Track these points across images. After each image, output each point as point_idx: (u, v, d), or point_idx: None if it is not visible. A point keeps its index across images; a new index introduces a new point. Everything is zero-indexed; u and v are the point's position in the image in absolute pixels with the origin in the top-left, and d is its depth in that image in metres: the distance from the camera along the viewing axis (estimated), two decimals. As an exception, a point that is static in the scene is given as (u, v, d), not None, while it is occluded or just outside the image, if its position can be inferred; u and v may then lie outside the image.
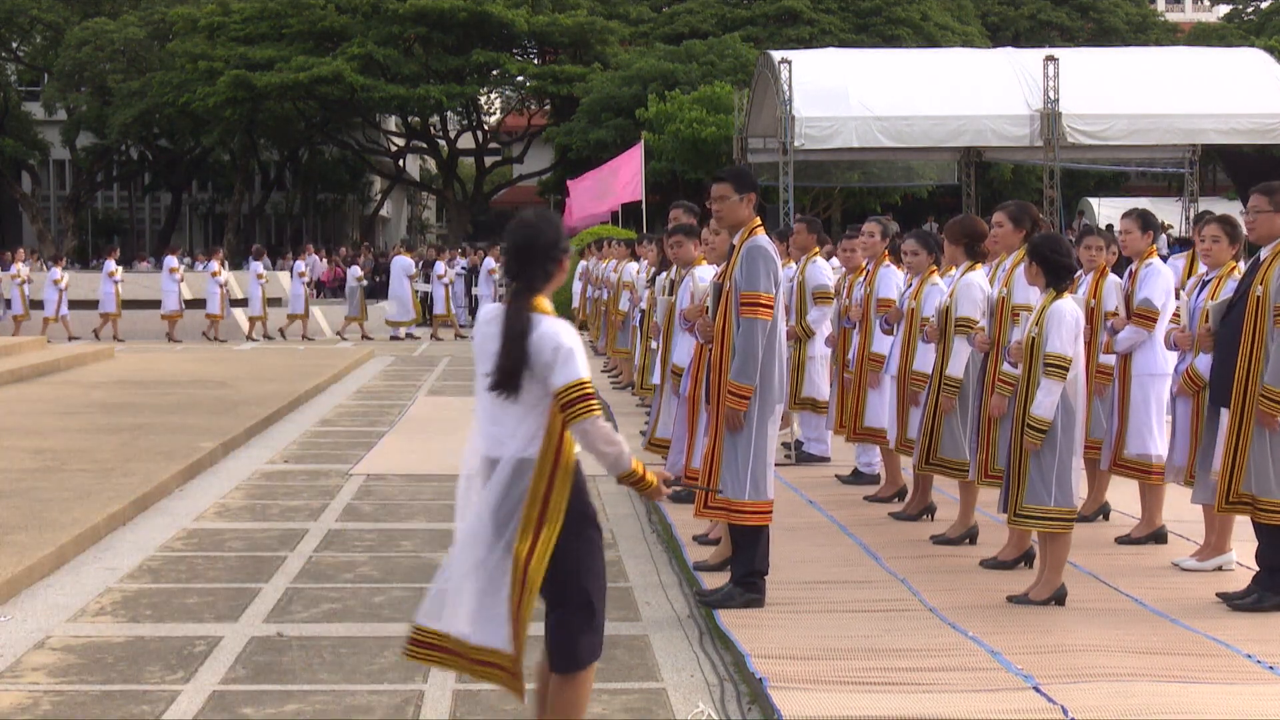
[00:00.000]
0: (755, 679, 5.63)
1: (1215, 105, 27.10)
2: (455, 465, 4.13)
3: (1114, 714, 5.24)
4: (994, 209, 8.33)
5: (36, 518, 8.58)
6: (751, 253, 6.69)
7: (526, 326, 4.44)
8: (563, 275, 4.65)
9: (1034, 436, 6.74)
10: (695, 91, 36.64)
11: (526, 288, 4.52)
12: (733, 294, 6.69)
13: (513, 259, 4.58)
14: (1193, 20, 56.56)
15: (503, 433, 4.50)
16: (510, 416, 4.48)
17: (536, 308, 4.49)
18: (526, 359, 4.40)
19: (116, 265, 26.77)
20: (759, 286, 6.63)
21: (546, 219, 4.66)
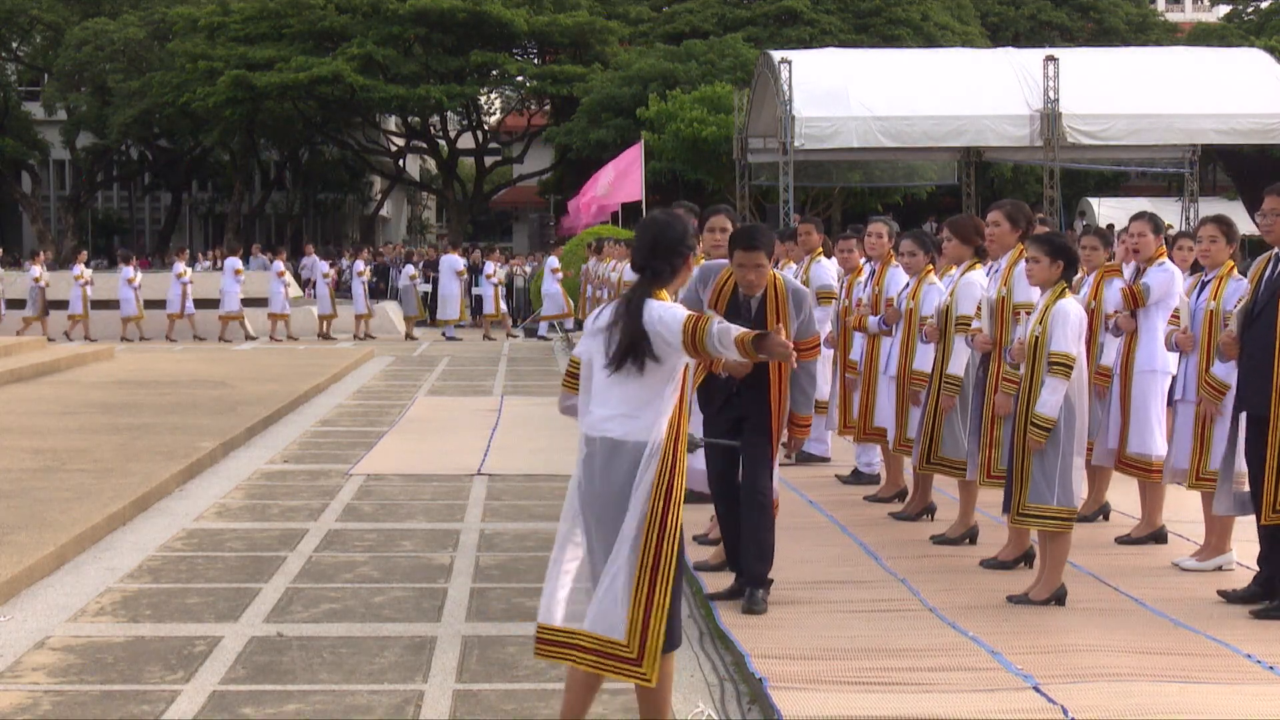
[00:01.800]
0: (755, 679, 5.63)
1: (1215, 105, 27.08)
2: (455, 465, 4.16)
3: (1114, 714, 5.24)
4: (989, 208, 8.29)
5: (36, 518, 8.59)
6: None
7: (642, 306, 4.62)
8: (687, 273, 4.88)
9: (1038, 435, 6.74)
10: (695, 91, 36.63)
11: (650, 280, 4.71)
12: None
13: (639, 253, 4.78)
14: (1193, 20, 56.54)
15: (627, 415, 4.62)
16: (635, 400, 4.62)
17: (656, 296, 4.68)
18: (645, 336, 4.56)
19: (185, 267, 26.99)
20: None
21: (676, 218, 4.84)
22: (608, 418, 4.65)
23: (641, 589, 4.52)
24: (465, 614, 6.92)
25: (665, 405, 4.63)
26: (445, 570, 7.86)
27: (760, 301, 6.64)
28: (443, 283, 28.20)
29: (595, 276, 20.87)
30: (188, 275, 26.56)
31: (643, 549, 4.55)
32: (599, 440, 4.65)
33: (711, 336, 4.54)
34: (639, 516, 4.55)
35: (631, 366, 4.61)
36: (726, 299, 6.68)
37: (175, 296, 26.27)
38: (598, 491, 4.64)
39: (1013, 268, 7.69)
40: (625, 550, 4.55)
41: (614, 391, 4.66)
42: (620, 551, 4.57)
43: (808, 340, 6.74)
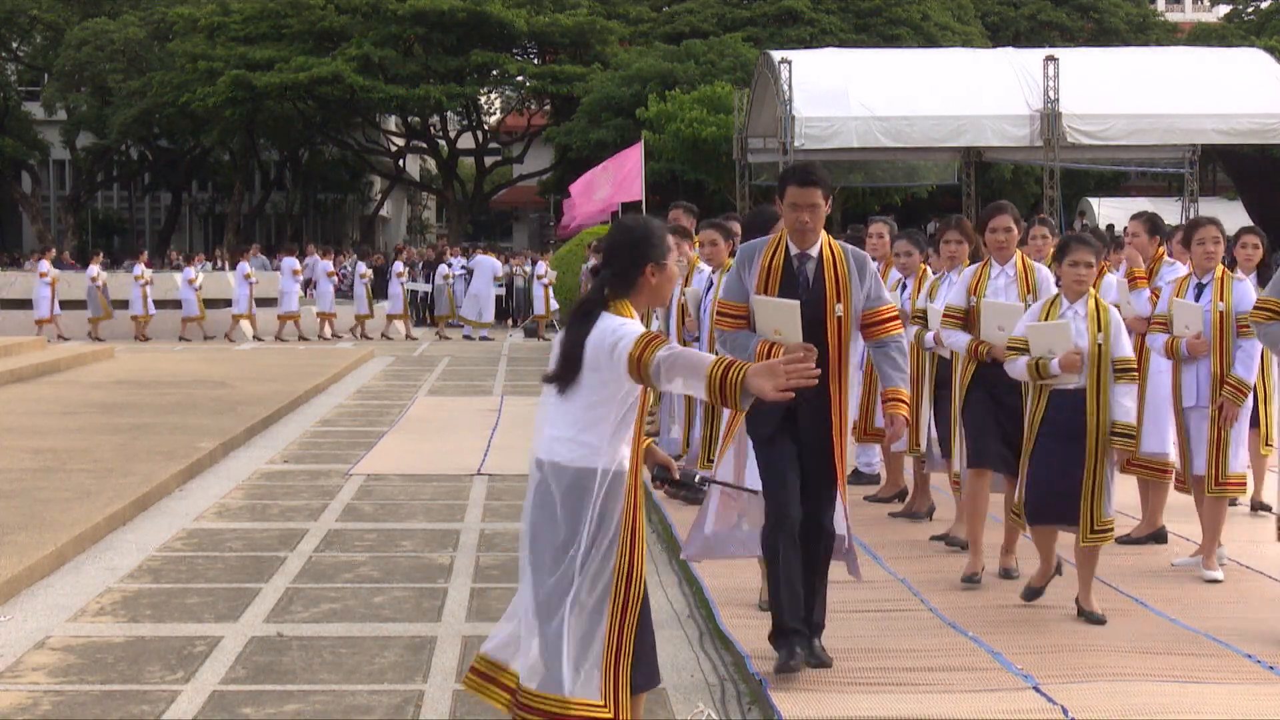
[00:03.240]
0: (755, 679, 5.63)
1: (1215, 105, 27.07)
2: (455, 465, 4.12)
3: (1114, 714, 5.24)
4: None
5: (36, 518, 8.59)
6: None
7: (592, 317, 4.21)
8: (652, 287, 4.32)
9: (1126, 443, 6.59)
10: (695, 91, 36.62)
11: (606, 288, 4.29)
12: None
13: (605, 259, 4.41)
14: (1193, 20, 56.53)
15: (573, 438, 4.20)
16: (582, 421, 4.20)
17: (611, 308, 4.24)
18: (584, 350, 4.16)
19: (251, 268, 27.20)
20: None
21: (646, 224, 4.41)
22: (556, 439, 4.23)
23: (612, 642, 4.14)
24: (465, 614, 6.92)
25: (621, 428, 4.18)
26: (445, 570, 7.86)
27: (816, 269, 5.73)
28: (476, 284, 28.16)
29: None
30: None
31: (612, 597, 4.15)
32: (547, 465, 4.23)
33: (654, 366, 4.02)
34: (597, 559, 4.14)
35: (576, 383, 4.18)
36: (779, 274, 5.72)
37: (190, 298, 26.31)
38: (542, 520, 4.23)
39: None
40: (576, 596, 4.14)
41: (563, 410, 4.23)
42: (562, 595, 4.14)
43: (879, 311, 5.81)
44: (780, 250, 5.78)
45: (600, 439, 4.17)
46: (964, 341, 7.32)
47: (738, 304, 5.85)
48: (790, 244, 5.77)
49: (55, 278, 26.47)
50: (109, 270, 29.32)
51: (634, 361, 4.05)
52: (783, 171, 5.67)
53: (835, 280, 5.73)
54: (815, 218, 5.69)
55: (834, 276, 5.73)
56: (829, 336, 5.68)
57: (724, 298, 5.90)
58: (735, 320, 5.84)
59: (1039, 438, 6.65)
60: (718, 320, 5.89)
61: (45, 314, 25.90)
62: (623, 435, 4.20)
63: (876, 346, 5.84)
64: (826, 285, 5.72)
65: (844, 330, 5.72)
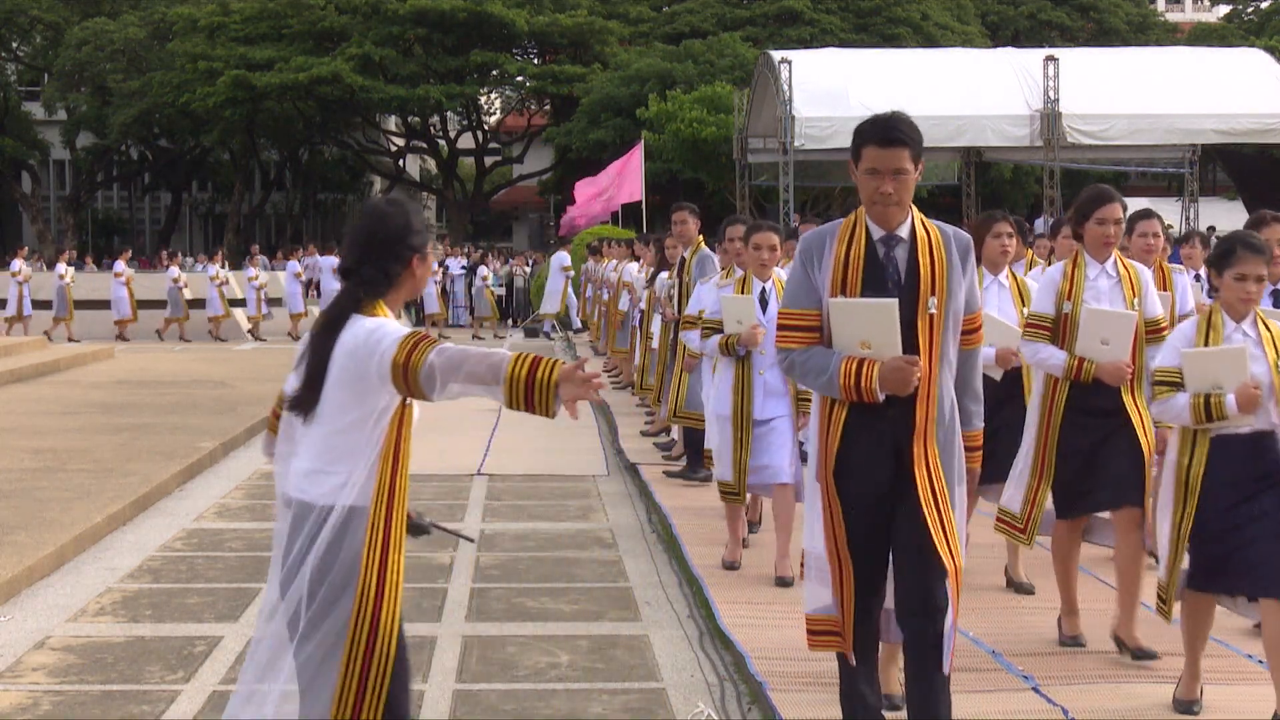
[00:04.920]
0: (755, 680, 5.63)
1: (1215, 105, 27.10)
2: (455, 465, 4.11)
3: (1114, 714, 5.24)
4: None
5: (36, 518, 8.58)
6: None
7: (342, 324, 3.61)
8: (414, 281, 3.75)
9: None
10: (695, 91, 36.64)
11: (358, 289, 3.67)
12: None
13: (348, 253, 3.72)
14: (1193, 20, 56.55)
15: (322, 470, 3.61)
16: (333, 451, 3.61)
17: (367, 312, 3.65)
18: (331, 367, 3.58)
19: (301, 266, 27.53)
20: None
21: (398, 207, 3.78)
22: (304, 473, 3.63)
23: (345, 706, 3.55)
24: (465, 614, 6.92)
25: (370, 453, 3.61)
26: (445, 570, 7.86)
27: (909, 255, 4.42)
28: (551, 280, 28.16)
29: (595, 276, 20.86)
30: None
31: (347, 653, 3.55)
32: (295, 503, 3.64)
33: (426, 370, 3.43)
34: (323, 603, 3.55)
35: (323, 406, 3.60)
36: (860, 265, 4.40)
37: (214, 297, 26.37)
38: (292, 574, 3.61)
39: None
40: (300, 646, 3.57)
41: (310, 438, 3.63)
42: (284, 654, 3.58)
43: (972, 316, 4.53)
44: (859, 234, 4.45)
45: (351, 469, 3.59)
46: (1060, 359, 5.97)
47: (807, 311, 4.46)
48: (871, 224, 4.45)
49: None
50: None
51: (399, 368, 3.48)
52: (858, 128, 4.51)
53: (931, 268, 4.40)
54: (902, 188, 4.42)
55: (930, 264, 4.41)
56: (920, 342, 4.34)
57: (787, 305, 4.51)
58: (805, 334, 4.46)
59: (1205, 494, 5.20)
60: (780, 338, 4.51)
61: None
62: (371, 462, 3.61)
63: (960, 360, 4.55)
64: (920, 275, 4.38)
65: (937, 335, 4.37)
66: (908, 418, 4.32)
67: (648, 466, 11.02)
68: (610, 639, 6.47)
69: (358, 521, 3.56)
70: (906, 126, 4.49)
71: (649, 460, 11.39)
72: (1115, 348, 5.86)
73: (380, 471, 3.61)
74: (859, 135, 4.48)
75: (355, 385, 3.57)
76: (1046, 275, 6.26)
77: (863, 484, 4.37)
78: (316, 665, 3.54)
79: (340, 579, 3.54)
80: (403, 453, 3.67)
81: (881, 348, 4.29)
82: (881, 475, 4.35)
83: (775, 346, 4.54)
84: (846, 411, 4.38)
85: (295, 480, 3.64)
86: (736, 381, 7.55)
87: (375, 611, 3.55)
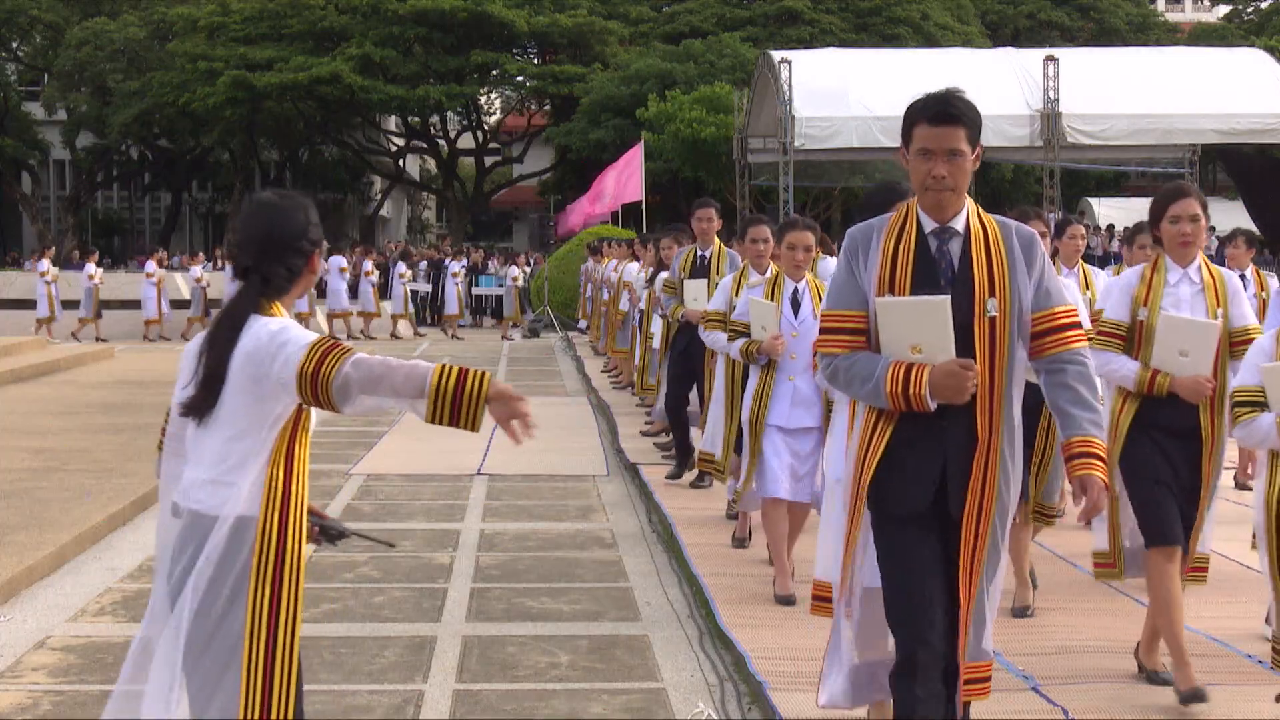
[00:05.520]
0: (756, 680, 5.62)
1: (1215, 105, 27.13)
2: (455, 465, 4.11)
3: (1114, 715, 5.24)
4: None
5: (36, 518, 8.58)
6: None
7: (241, 326, 3.47)
8: (312, 277, 3.62)
9: None
10: (695, 91, 36.65)
11: (258, 289, 3.53)
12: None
13: (244, 251, 3.55)
14: (1193, 20, 56.56)
15: (217, 480, 3.47)
16: (229, 459, 3.47)
17: (266, 313, 3.52)
18: (230, 369, 3.45)
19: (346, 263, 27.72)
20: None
21: (293, 200, 3.62)
22: (199, 483, 3.49)
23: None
24: (465, 614, 6.92)
25: (263, 461, 3.46)
26: (445, 570, 7.86)
27: (963, 250, 3.96)
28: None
29: (595, 276, 20.87)
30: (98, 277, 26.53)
31: (246, 667, 3.42)
32: (186, 512, 3.49)
33: (340, 381, 3.29)
34: (215, 616, 3.42)
35: (216, 410, 3.47)
36: (910, 257, 3.96)
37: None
38: (180, 584, 3.47)
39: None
40: (187, 661, 3.44)
41: (204, 446, 3.49)
42: (169, 659, 3.45)
43: (1053, 313, 3.99)
44: (910, 227, 4.00)
45: (245, 477, 3.45)
46: (1131, 370, 5.46)
47: (852, 312, 4.03)
48: (923, 216, 3.99)
49: (55, 275, 26.53)
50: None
51: (307, 376, 3.34)
52: (909, 106, 4.09)
53: (988, 264, 3.93)
54: (957, 172, 3.92)
55: (986, 259, 3.94)
56: (977, 347, 3.89)
57: (830, 306, 4.09)
58: (849, 338, 4.02)
59: None
60: (822, 341, 4.08)
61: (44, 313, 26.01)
62: (265, 469, 3.47)
63: (1048, 368, 3.99)
64: (975, 272, 3.92)
65: (1000, 339, 3.91)
66: (963, 432, 3.87)
67: (648, 467, 11.02)
68: (610, 639, 6.47)
69: (247, 531, 3.43)
70: (962, 103, 4.03)
71: (649, 460, 11.39)
72: (1195, 360, 5.33)
73: (270, 478, 3.46)
74: (910, 113, 4.06)
75: (253, 389, 3.44)
76: (1122, 278, 5.74)
77: (898, 502, 3.95)
78: (216, 681, 3.42)
79: (231, 591, 3.42)
80: (298, 459, 3.51)
81: (933, 351, 3.86)
82: (921, 493, 3.92)
83: (818, 351, 4.10)
84: (894, 425, 3.93)
85: (188, 489, 3.50)
86: (759, 387, 7.17)
87: (271, 623, 3.42)
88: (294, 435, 3.50)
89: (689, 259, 10.38)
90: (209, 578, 3.41)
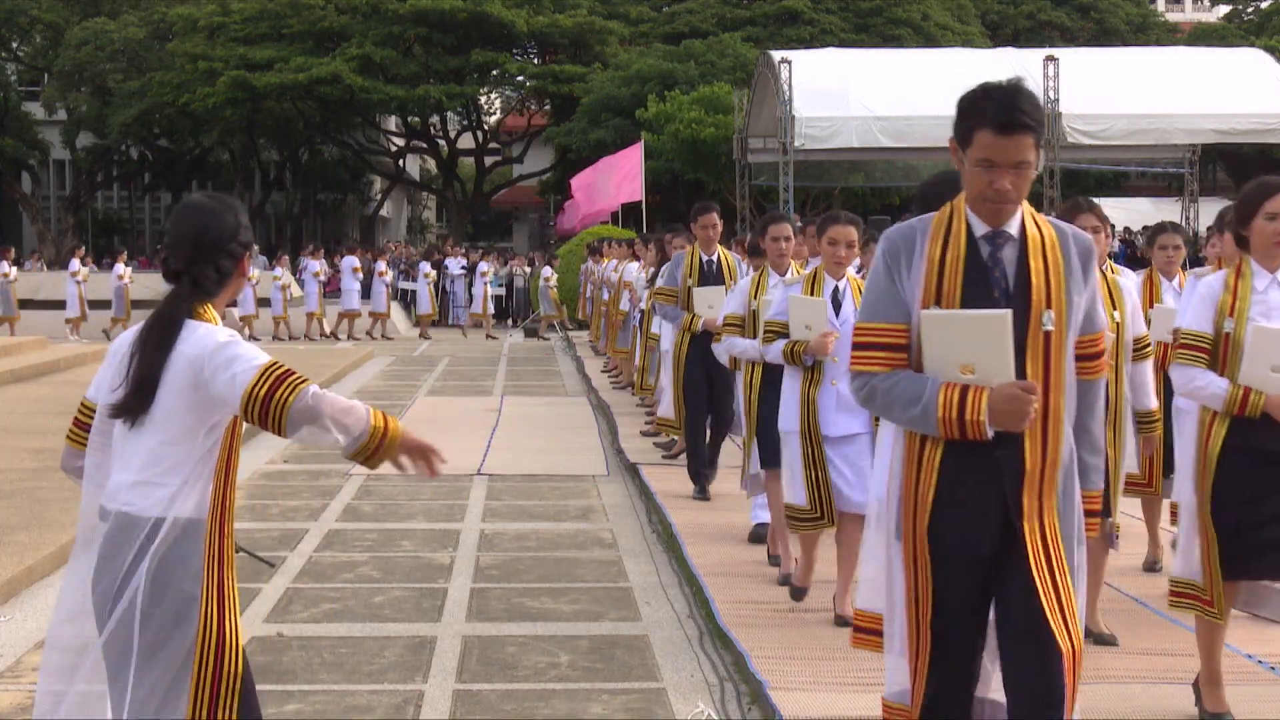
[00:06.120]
0: (756, 679, 5.62)
1: (1215, 105, 27.12)
2: (455, 465, 4.12)
3: (1114, 714, 5.24)
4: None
5: (36, 518, 8.58)
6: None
7: (176, 330, 3.45)
8: (242, 280, 3.62)
9: None
10: (694, 92, 36.66)
11: (190, 292, 3.51)
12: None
13: (175, 254, 3.54)
14: (1193, 20, 56.57)
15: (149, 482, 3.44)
16: (162, 461, 3.44)
17: (198, 316, 3.50)
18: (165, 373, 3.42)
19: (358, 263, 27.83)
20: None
21: (223, 202, 3.62)
22: (127, 484, 3.45)
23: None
24: (465, 614, 6.92)
25: (202, 467, 3.46)
26: (445, 570, 7.86)
27: (1018, 255, 3.55)
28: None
29: (595, 276, 20.87)
30: (128, 276, 26.61)
31: (195, 677, 3.40)
32: (114, 514, 3.46)
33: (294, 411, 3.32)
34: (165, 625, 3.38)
35: (150, 413, 3.43)
36: (960, 265, 3.54)
37: (247, 296, 26.53)
38: (114, 587, 3.42)
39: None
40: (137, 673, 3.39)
41: (134, 448, 3.46)
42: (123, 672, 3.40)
43: (1094, 338, 3.68)
44: (958, 230, 3.57)
45: (178, 481, 3.43)
46: (1220, 389, 4.94)
47: (892, 326, 3.60)
48: (973, 218, 3.57)
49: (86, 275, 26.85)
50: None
51: (257, 400, 3.34)
52: (969, 104, 3.52)
53: (1046, 275, 3.54)
54: (1022, 182, 3.49)
55: (1044, 268, 3.54)
56: (1031, 365, 3.51)
57: (867, 319, 3.64)
58: (888, 355, 3.60)
59: None
60: (857, 359, 3.63)
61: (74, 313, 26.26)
62: (203, 475, 3.47)
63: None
64: (1033, 283, 3.52)
65: (1057, 356, 3.54)
66: (1019, 460, 3.51)
67: (648, 466, 11.02)
68: (610, 639, 6.47)
69: (194, 536, 3.43)
70: (1030, 105, 3.46)
71: (649, 460, 11.39)
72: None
73: (215, 484, 3.49)
74: (970, 114, 3.50)
75: (192, 396, 3.43)
76: (1204, 284, 5.11)
77: (960, 542, 3.56)
78: (164, 693, 3.39)
79: (181, 598, 3.40)
80: (233, 466, 3.54)
81: (989, 372, 3.45)
82: (984, 531, 3.54)
83: (850, 370, 3.67)
84: (942, 452, 3.54)
85: (116, 492, 3.47)
86: (803, 393, 6.56)
87: (220, 630, 3.44)
88: (232, 443, 3.54)
89: (694, 265, 9.87)
90: (154, 580, 3.39)
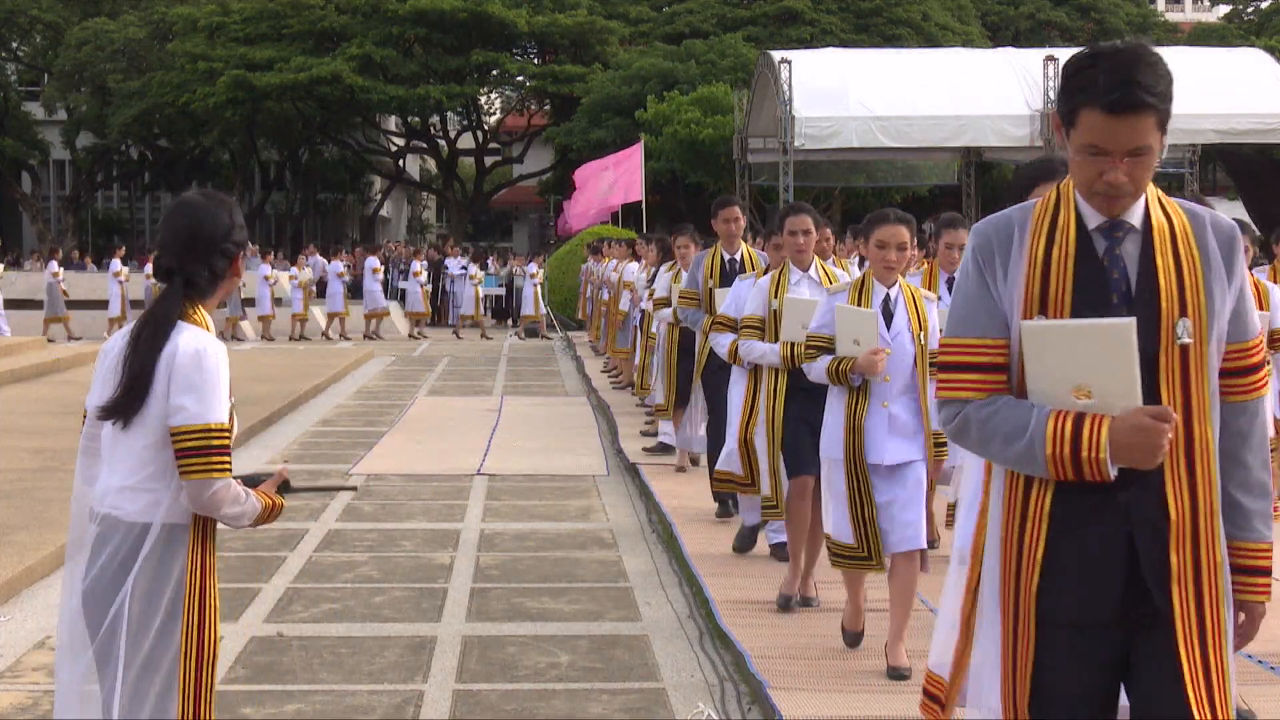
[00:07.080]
0: (756, 679, 5.62)
1: (1215, 105, 27.10)
2: (455, 465, 4.09)
3: (1114, 714, 5.23)
4: None
5: (36, 518, 8.59)
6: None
7: (166, 331, 3.44)
8: (235, 280, 3.63)
9: None
10: (693, 92, 36.67)
11: (181, 291, 3.51)
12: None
13: (168, 253, 3.53)
14: (1193, 20, 56.57)
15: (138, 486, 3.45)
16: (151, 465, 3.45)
17: (189, 317, 3.50)
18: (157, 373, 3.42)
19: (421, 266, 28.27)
20: None
21: (218, 201, 3.61)
22: (115, 488, 3.46)
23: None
24: (465, 614, 6.92)
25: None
26: (445, 570, 7.86)
27: (1142, 251, 2.87)
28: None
29: (595, 276, 20.87)
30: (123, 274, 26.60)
31: (181, 683, 3.42)
32: (102, 518, 3.47)
33: (193, 489, 3.41)
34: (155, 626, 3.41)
35: (143, 415, 3.43)
36: (1069, 264, 2.87)
37: (264, 296, 26.50)
38: (102, 590, 3.44)
39: None
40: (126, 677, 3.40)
41: (123, 450, 3.46)
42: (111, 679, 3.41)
43: (1246, 347, 2.93)
44: (1065, 222, 2.91)
45: (165, 486, 3.43)
46: None
47: (988, 341, 2.93)
48: (1084, 207, 2.90)
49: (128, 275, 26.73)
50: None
51: (178, 444, 3.40)
52: (1074, 72, 2.85)
53: (1178, 274, 2.85)
54: (1140, 172, 2.82)
55: (1174, 266, 2.86)
56: (1164, 387, 2.82)
57: (955, 333, 2.99)
58: (985, 377, 2.93)
59: None
60: (945, 383, 2.98)
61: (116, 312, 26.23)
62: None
63: (1222, 419, 2.92)
64: (1162, 284, 2.84)
65: (1197, 374, 2.84)
66: (1158, 507, 2.79)
67: (648, 466, 11.02)
68: (610, 639, 6.47)
69: (179, 541, 3.44)
70: (1150, 77, 2.83)
71: (649, 460, 11.39)
72: None
73: None
74: (1074, 88, 2.83)
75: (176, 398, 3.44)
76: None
77: (1078, 608, 2.83)
78: (154, 698, 3.40)
79: (169, 604, 3.41)
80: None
81: (1111, 395, 2.77)
82: (1110, 594, 2.81)
83: (937, 396, 3.00)
84: (1052, 495, 2.84)
85: (104, 495, 3.47)
86: (849, 416, 5.81)
87: (200, 636, 3.45)
88: None
89: (714, 264, 9.08)
90: (144, 590, 3.40)
